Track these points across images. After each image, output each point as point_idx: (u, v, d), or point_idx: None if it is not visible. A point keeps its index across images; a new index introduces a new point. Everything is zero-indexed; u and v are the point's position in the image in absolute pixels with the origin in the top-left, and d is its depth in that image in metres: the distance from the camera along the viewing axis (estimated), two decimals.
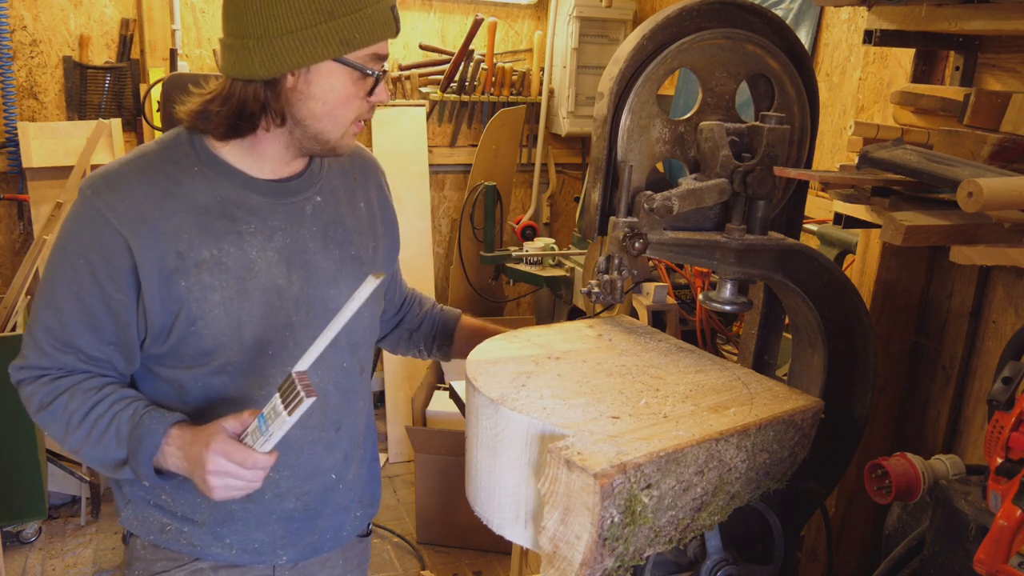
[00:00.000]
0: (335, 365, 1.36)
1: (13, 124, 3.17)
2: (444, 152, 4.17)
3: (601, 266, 1.35)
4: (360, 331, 1.40)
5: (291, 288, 1.30)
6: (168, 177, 1.23)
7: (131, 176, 1.23)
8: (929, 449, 2.01)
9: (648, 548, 1.08)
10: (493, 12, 4.06)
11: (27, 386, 1.27)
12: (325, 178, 1.38)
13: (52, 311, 1.23)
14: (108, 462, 1.24)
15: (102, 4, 3.32)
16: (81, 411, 1.23)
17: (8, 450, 2.81)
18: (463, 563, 3.16)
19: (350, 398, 1.41)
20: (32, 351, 1.25)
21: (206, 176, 1.25)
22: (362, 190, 1.45)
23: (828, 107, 2.71)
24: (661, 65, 1.34)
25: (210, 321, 1.23)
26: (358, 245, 1.39)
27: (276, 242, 1.29)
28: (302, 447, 1.35)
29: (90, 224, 1.21)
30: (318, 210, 1.34)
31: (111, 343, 1.25)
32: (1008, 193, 1.14)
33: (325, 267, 1.34)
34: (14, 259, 3.35)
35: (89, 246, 1.20)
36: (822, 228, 2.26)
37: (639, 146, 1.38)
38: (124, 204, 1.20)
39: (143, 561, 1.37)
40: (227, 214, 1.25)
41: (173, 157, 1.26)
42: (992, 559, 1.08)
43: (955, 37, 1.81)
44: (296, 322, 1.30)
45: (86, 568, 2.98)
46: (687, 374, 1.30)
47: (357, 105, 1.26)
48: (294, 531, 1.39)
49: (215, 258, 1.23)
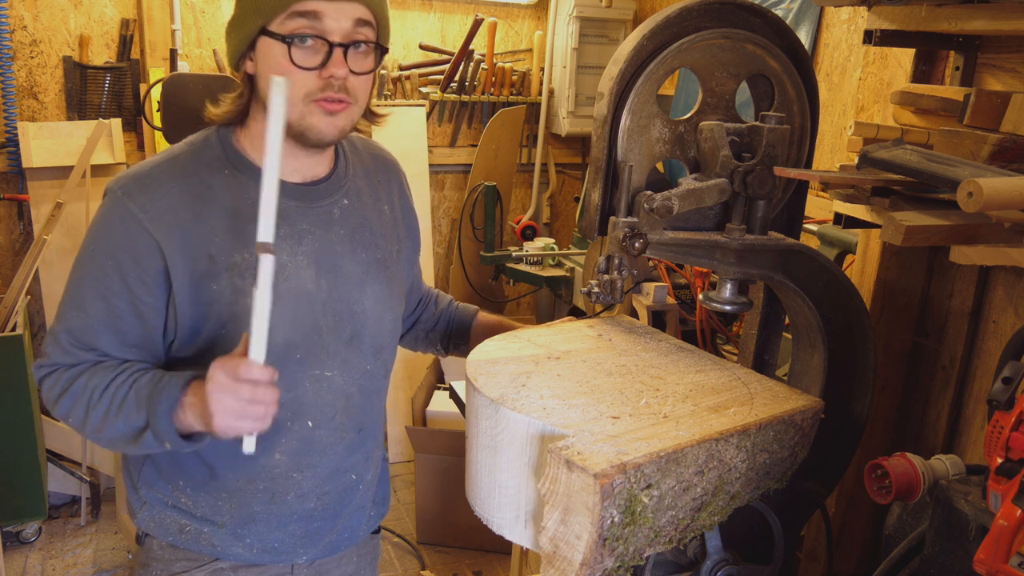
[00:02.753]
0: (359, 368, 1.35)
1: (13, 124, 3.17)
2: (444, 152, 4.17)
3: (601, 266, 1.35)
4: (384, 334, 1.40)
5: (319, 292, 1.29)
6: (200, 180, 1.23)
7: (163, 178, 1.22)
8: (929, 449, 2.01)
9: (648, 548, 1.08)
10: (493, 12, 4.06)
11: (47, 379, 1.25)
12: (351, 181, 1.37)
13: (78, 312, 1.22)
14: (128, 433, 1.20)
15: (102, 4, 3.32)
16: (102, 385, 1.21)
17: (8, 450, 2.81)
18: (463, 563, 3.16)
19: (373, 400, 1.41)
20: (54, 350, 1.24)
21: (236, 179, 1.25)
22: (385, 192, 1.44)
23: (828, 107, 2.71)
24: (661, 65, 1.34)
25: (241, 324, 1.22)
26: (383, 248, 1.39)
27: (305, 246, 1.28)
28: (325, 448, 1.35)
29: (121, 225, 1.19)
30: (345, 213, 1.34)
31: (134, 345, 1.24)
32: (1008, 193, 1.14)
33: (352, 271, 1.33)
34: (14, 259, 3.35)
35: (119, 247, 1.19)
36: (822, 228, 2.26)
37: (639, 146, 1.38)
38: (157, 206, 1.19)
39: (161, 562, 1.36)
40: (257, 218, 1.25)
41: (204, 159, 1.25)
42: (992, 559, 1.08)
43: (955, 37, 1.81)
44: (324, 326, 1.30)
45: (86, 568, 2.98)
46: (687, 374, 1.30)
47: (301, 79, 1.17)
48: (314, 531, 1.39)
49: (246, 262, 1.23)
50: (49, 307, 3.25)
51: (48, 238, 2.93)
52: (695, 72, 1.39)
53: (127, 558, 3.04)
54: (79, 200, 3.12)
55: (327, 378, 1.32)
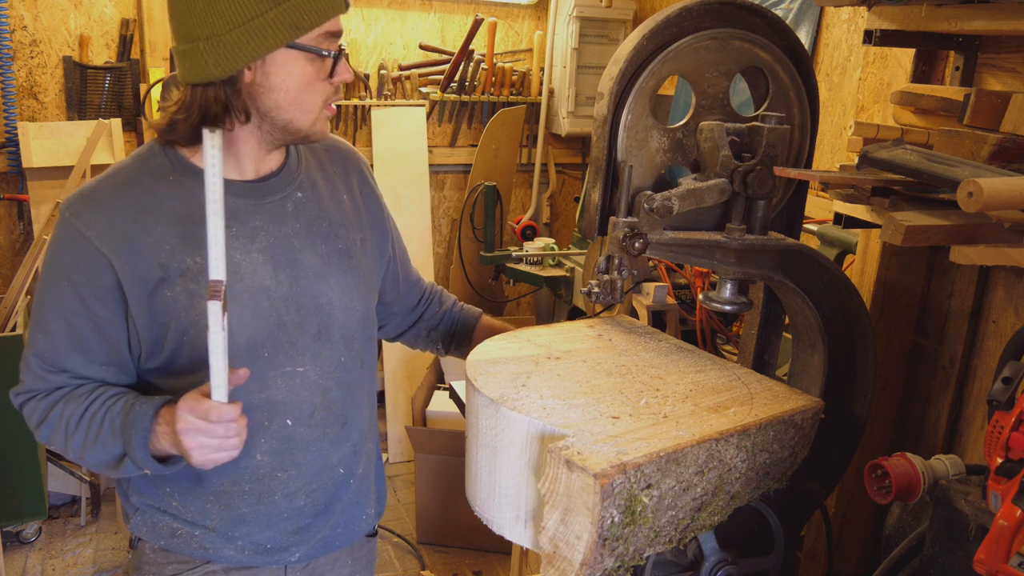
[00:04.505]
0: (332, 360, 1.36)
1: (13, 124, 3.17)
2: (444, 152, 4.17)
3: (601, 266, 1.35)
4: (354, 324, 1.40)
5: (279, 288, 1.29)
6: (145, 189, 1.24)
7: (107, 192, 1.23)
8: (929, 449, 2.01)
9: (648, 548, 1.08)
10: (493, 12, 4.06)
11: (26, 407, 1.29)
12: (304, 174, 1.37)
13: (42, 334, 1.24)
14: (109, 460, 1.24)
15: (102, 4, 3.32)
16: (76, 415, 1.23)
17: (8, 450, 2.81)
18: (463, 563, 3.16)
19: (353, 392, 1.41)
20: (27, 376, 1.27)
21: (182, 184, 1.25)
22: (343, 182, 1.44)
23: (828, 107, 2.71)
24: (650, 77, 1.35)
25: (201, 329, 1.22)
26: (344, 238, 1.39)
27: (259, 243, 1.29)
28: (308, 445, 1.35)
29: (70, 244, 1.21)
30: (300, 206, 1.34)
31: (102, 363, 1.26)
32: (1008, 193, 1.14)
33: (312, 263, 1.33)
34: (14, 259, 3.35)
35: (71, 267, 1.21)
36: (822, 228, 2.26)
37: (639, 151, 1.38)
38: (102, 221, 1.21)
39: (153, 565, 1.37)
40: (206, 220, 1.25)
41: (148, 168, 1.26)
42: (992, 559, 1.08)
43: (955, 37, 1.81)
44: (288, 321, 1.30)
45: (86, 568, 2.98)
46: (687, 374, 1.30)
47: (321, 88, 1.24)
48: (306, 527, 1.39)
49: (199, 265, 1.23)
50: None
51: (48, 238, 2.93)
52: (685, 77, 1.39)
53: (127, 558, 3.04)
54: None
55: (299, 374, 1.32)
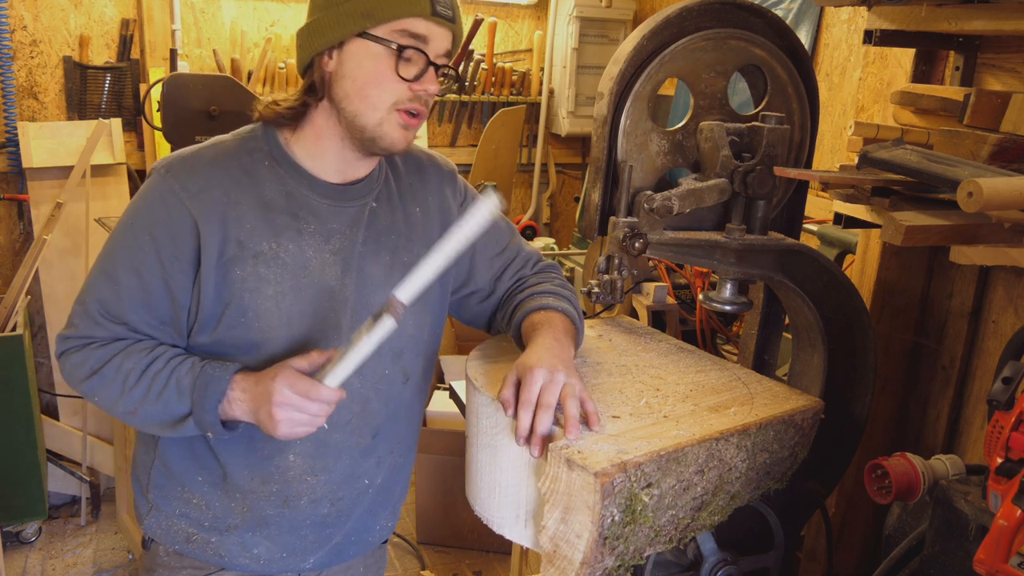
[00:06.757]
0: (376, 372, 1.35)
1: (13, 124, 3.17)
2: (444, 152, 4.16)
3: (601, 266, 1.35)
4: (404, 338, 1.38)
5: (343, 291, 1.30)
6: (240, 166, 1.26)
7: (206, 160, 1.25)
8: (929, 449, 2.01)
9: (648, 547, 1.08)
10: (493, 12, 4.06)
11: (74, 354, 1.25)
12: (382, 184, 1.38)
13: (109, 283, 1.23)
14: (168, 418, 1.22)
15: (102, 4, 3.32)
16: (137, 370, 1.22)
17: (8, 450, 2.81)
18: (463, 563, 3.16)
19: (392, 406, 1.39)
20: (83, 320, 1.25)
21: (275, 171, 1.28)
22: (420, 195, 1.43)
23: (828, 107, 2.71)
24: (647, 81, 1.35)
25: (261, 313, 1.24)
26: (410, 251, 1.38)
27: (333, 244, 1.29)
28: (340, 452, 1.34)
29: (161, 201, 1.22)
30: (373, 215, 1.35)
31: (162, 322, 1.26)
32: (1008, 193, 1.14)
33: (375, 272, 1.34)
34: (14, 259, 3.35)
35: (156, 222, 1.22)
36: (822, 228, 2.26)
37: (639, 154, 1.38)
38: (197, 184, 1.22)
39: (167, 568, 1.36)
40: (290, 211, 1.27)
41: (247, 148, 1.28)
42: (992, 559, 1.08)
43: (955, 37, 1.81)
44: (344, 324, 1.30)
45: (86, 568, 2.98)
46: (687, 374, 1.30)
47: (391, 87, 1.22)
48: (325, 536, 1.38)
49: (273, 252, 1.25)
50: (49, 307, 3.25)
51: (48, 238, 2.93)
52: (682, 79, 1.40)
53: (127, 558, 3.04)
54: (79, 200, 3.12)
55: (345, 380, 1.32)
